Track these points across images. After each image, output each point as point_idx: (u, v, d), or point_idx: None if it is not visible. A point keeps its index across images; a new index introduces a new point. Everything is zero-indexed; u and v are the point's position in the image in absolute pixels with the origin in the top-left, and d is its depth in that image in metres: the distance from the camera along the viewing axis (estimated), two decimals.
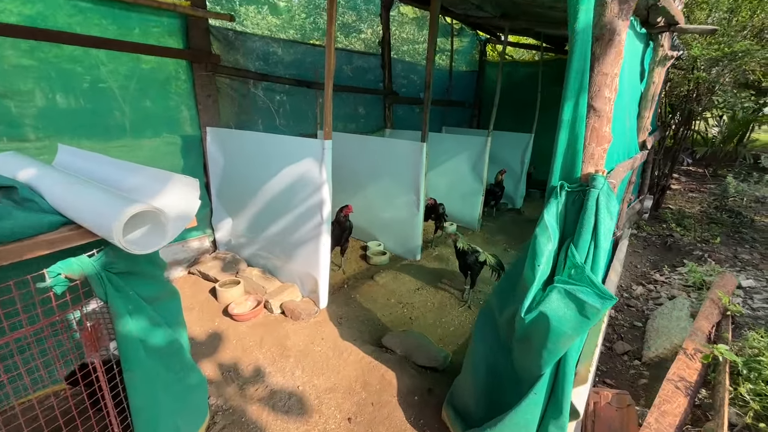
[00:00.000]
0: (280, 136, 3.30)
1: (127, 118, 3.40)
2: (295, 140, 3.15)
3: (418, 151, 4.02)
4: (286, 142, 3.25)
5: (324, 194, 2.98)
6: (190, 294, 3.60)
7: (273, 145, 3.36)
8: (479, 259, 3.54)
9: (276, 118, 4.83)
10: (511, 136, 6.58)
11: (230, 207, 4.04)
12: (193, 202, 1.55)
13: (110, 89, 3.26)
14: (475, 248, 3.60)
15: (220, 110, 4.09)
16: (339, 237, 3.96)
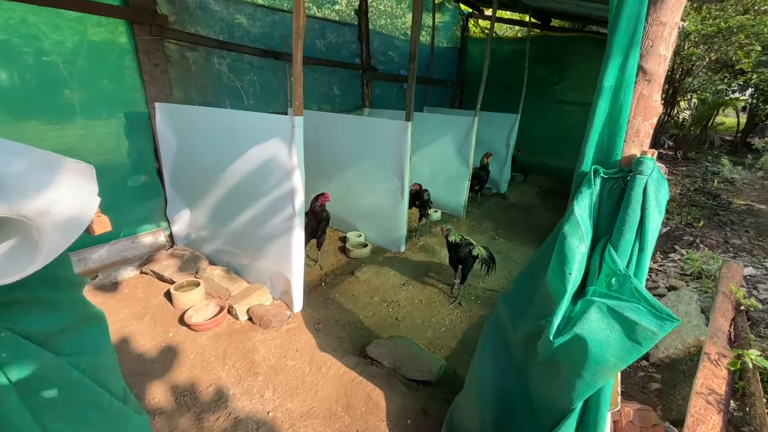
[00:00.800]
0: (241, 112, 2.79)
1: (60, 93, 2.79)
2: (259, 117, 2.66)
3: (403, 130, 3.60)
4: (248, 119, 2.75)
5: (295, 181, 2.53)
6: (142, 298, 3.10)
7: (233, 122, 2.85)
8: (473, 252, 3.20)
9: (244, 98, 4.26)
10: (496, 117, 6.24)
11: (188, 196, 3.51)
12: (88, 201, 1.09)
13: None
14: (469, 240, 3.26)
15: (175, 86, 3.50)
16: (315, 229, 3.52)
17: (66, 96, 2.87)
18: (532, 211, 6.03)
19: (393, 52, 6.76)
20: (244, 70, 4.20)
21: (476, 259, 3.25)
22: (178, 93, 3.56)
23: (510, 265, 4.12)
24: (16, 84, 2.65)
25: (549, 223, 5.55)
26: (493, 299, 3.43)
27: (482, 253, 3.24)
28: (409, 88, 3.47)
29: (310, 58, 4.66)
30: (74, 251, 3.08)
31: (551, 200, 6.65)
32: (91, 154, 3.05)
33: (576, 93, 7.34)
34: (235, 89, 4.14)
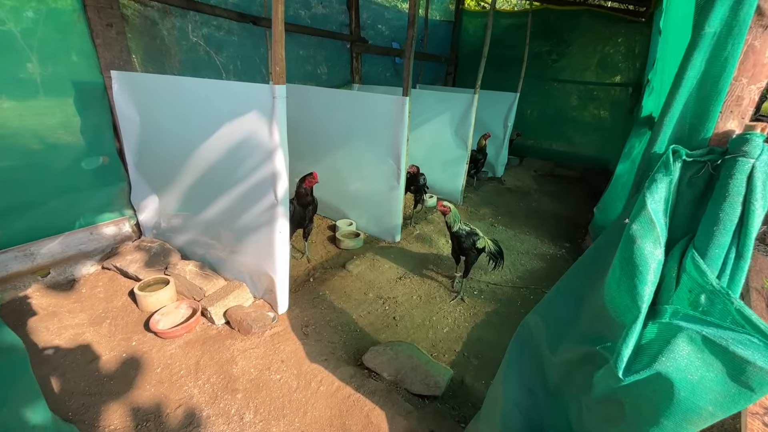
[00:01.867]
0: (213, 81, 2.35)
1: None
2: (234, 86, 2.23)
3: (399, 107, 3.20)
4: (221, 89, 2.31)
5: (277, 164, 2.13)
6: (103, 298, 2.70)
7: (204, 93, 2.41)
8: (477, 244, 2.88)
9: (222, 72, 3.78)
10: (493, 96, 5.87)
11: (155, 180, 3.07)
12: None
13: None
14: (474, 230, 2.93)
15: (135, 52, 3.00)
16: (301, 217, 3.14)
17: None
18: (529, 196, 5.76)
19: (382, 25, 6.27)
20: (224, 42, 3.70)
21: (481, 251, 2.94)
22: (139, 61, 3.07)
23: (512, 255, 3.84)
24: None
25: (547, 208, 5.29)
26: (498, 294, 3.15)
27: (490, 246, 2.93)
28: (407, 59, 3.06)
29: (293, 25, 4.17)
30: (18, 245, 2.64)
31: (548, 184, 6.38)
32: (31, 133, 2.57)
33: (574, 71, 7.01)
34: (210, 62, 3.65)
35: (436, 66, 7.54)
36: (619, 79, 6.79)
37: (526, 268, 3.62)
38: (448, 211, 2.94)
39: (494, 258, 2.98)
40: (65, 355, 2.17)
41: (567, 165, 7.15)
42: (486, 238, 2.95)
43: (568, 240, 4.31)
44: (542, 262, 3.77)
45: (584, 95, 7.13)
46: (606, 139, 7.01)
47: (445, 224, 2.98)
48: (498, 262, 2.99)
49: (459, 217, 2.95)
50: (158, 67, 3.22)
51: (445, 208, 2.94)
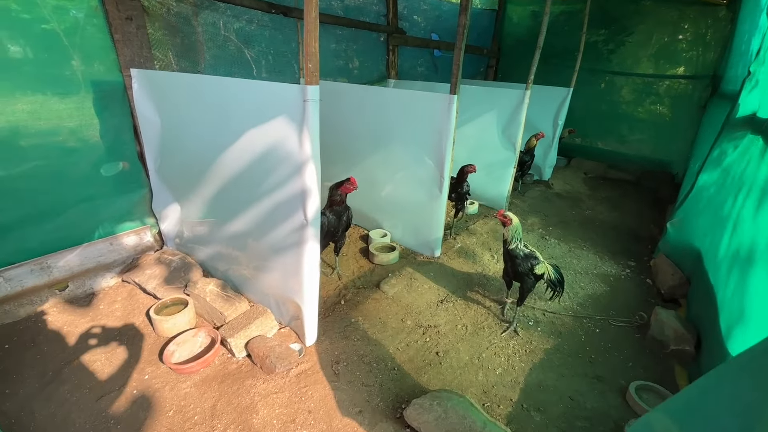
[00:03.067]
0: (236, 80, 2.04)
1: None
2: (260, 86, 1.91)
3: (446, 106, 2.80)
4: (245, 90, 2.00)
5: (307, 179, 1.80)
6: (120, 316, 2.49)
7: (226, 93, 2.11)
8: (536, 269, 2.45)
9: (253, 69, 3.50)
10: (543, 91, 5.29)
11: (177, 187, 2.83)
12: None
13: None
14: (533, 252, 2.50)
15: (159, 50, 2.76)
16: (334, 228, 2.81)
17: (4, 58, 2.16)
18: (581, 202, 5.19)
19: (418, 16, 5.81)
20: (253, 35, 3.41)
21: (540, 279, 2.50)
22: (163, 57, 2.82)
23: (569, 275, 3.36)
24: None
25: (603, 217, 4.72)
26: (557, 324, 2.71)
27: (550, 273, 2.48)
28: (457, 50, 2.64)
29: (326, 15, 3.82)
30: (34, 258, 2.46)
31: (602, 189, 5.77)
32: (46, 136, 2.37)
33: (633, 62, 6.28)
34: (241, 58, 3.37)
35: (475, 59, 7.01)
36: (684, 71, 6.01)
37: (587, 293, 3.13)
38: (509, 222, 2.52)
39: (553, 287, 2.53)
40: (73, 388, 1.95)
41: (621, 167, 6.46)
42: (546, 262, 2.50)
43: (632, 257, 3.77)
44: (604, 284, 3.27)
45: (642, 89, 6.38)
46: (667, 139, 6.25)
47: (493, 236, 2.57)
48: (557, 291, 2.54)
49: (521, 232, 2.53)
50: (183, 64, 2.97)
51: (506, 219, 2.52)
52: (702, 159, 3.80)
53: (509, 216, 2.54)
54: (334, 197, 2.76)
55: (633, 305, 3.01)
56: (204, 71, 3.13)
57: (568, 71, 5.25)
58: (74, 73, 2.40)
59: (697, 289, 2.86)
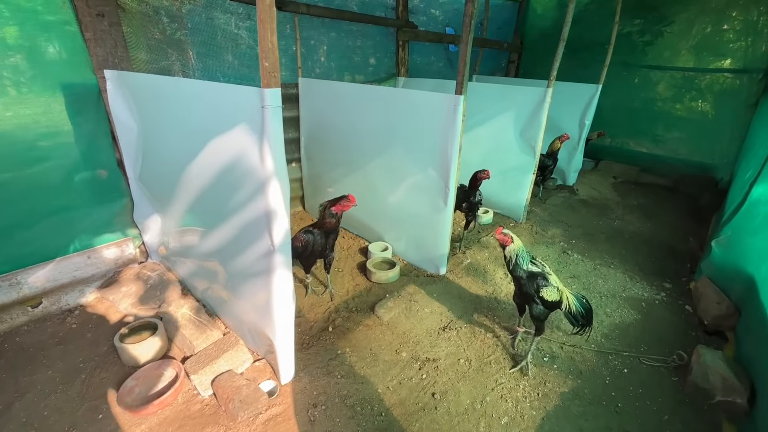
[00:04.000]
0: (195, 82, 1.80)
1: None
2: (216, 89, 1.64)
3: (452, 108, 2.45)
4: (204, 93, 1.74)
5: (271, 199, 1.51)
6: (90, 339, 2.30)
7: (189, 97, 1.86)
8: (543, 293, 2.07)
9: (248, 68, 3.27)
10: (568, 88, 4.82)
11: (157, 197, 2.62)
12: None
13: None
14: (541, 270, 2.13)
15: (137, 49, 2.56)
16: (322, 247, 2.53)
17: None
18: (610, 210, 4.70)
19: (436, 9, 5.45)
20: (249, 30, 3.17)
21: (554, 307, 2.13)
22: (142, 56, 2.61)
23: (593, 298, 2.96)
24: None
25: (635, 229, 4.24)
26: (577, 361, 2.33)
27: (571, 304, 2.11)
28: (463, 44, 2.28)
29: (322, 8, 3.53)
30: (2, 275, 2.30)
31: (633, 196, 5.24)
32: (15, 142, 2.19)
33: (671, 55, 5.67)
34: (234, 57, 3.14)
35: (495, 54, 6.56)
36: (731, 64, 5.37)
37: (614, 321, 2.73)
38: (509, 241, 2.17)
39: (574, 322, 2.15)
40: (19, 428, 1.75)
41: (656, 170, 5.87)
42: (561, 287, 2.12)
43: (668, 277, 3.31)
44: (635, 310, 2.85)
45: (682, 84, 5.75)
46: (710, 140, 5.61)
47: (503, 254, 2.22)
48: (584, 328, 2.16)
49: (525, 252, 2.16)
50: (167, 64, 2.76)
51: (505, 238, 2.17)
52: (755, 166, 3.30)
53: (509, 235, 2.18)
54: (327, 218, 2.47)
55: (669, 338, 2.58)
56: (194, 73, 2.91)
57: (597, 65, 4.76)
58: (41, 75, 2.22)
59: (750, 324, 2.41)
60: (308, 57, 3.74)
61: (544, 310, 2.17)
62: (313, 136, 3.65)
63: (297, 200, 4.08)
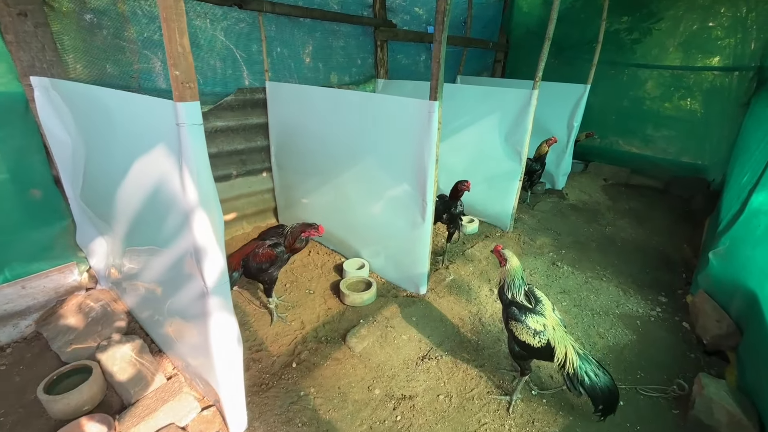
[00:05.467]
0: (114, 92, 1.52)
1: None
2: (132, 100, 1.38)
3: (426, 115, 2.21)
4: (123, 105, 1.47)
5: (198, 233, 1.25)
6: (18, 384, 2.01)
7: (113, 109, 1.59)
8: (517, 332, 1.84)
9: (207, 74, 3.00)
10: (555, 89, 4.63)
11: (99, 217, 2.33)
12: None
13: None
14: (536, 303, 1.90)
15: (72, 53, 2.27)
16: (279, 268, 2.28)
17: None
18: (600, 215, 4.51)
19: (420, 8, 5.22)
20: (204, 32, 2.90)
21: (544, 356, 1.88)
22: (76, 62, 2.33)
23: (586, 315, 2.74)
24: None
25: (627, 235, 4.05)
26: (569, 394, 2.10)
27: (570, 362, 1.81)
28: (436, 45, 2.04)
29: (287, 5, 3.27)
30: None
31: (624, 199, 5.06)
32: None
33: (660, 53, 5.51)
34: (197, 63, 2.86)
35: (481, 53, 6.35)
36: (721, 62, 5.22)
37: (608, 343, 2.51)
38: (503, 263, 1.95)
39: (574, 389, 1.85)
40: None
41: (646, 172, 5.71)
42: (559, 335, 1.86)
43: (663, 290, 3.11)
44: (630, 330, 2.64)
45: (671, 83, 5.60)
46: (700, 140, 5.47)
47: (494, 263, 2.01)
48: (599, 412, 1.86)
49: (520, 279, 1.93)
50: (109, 70, 2.48)
51: (501, 257, 1.96)
52: (753, 171, 3.12)
53: (505, 255, 1.96)
54: (297, 243, 2.30)
55: (667, 362, 2.38)
56: (138, 81, 2.63)
57: (584, 65, 4.58)
58: None
59: (753, 346, 2.21)
60: (278, 59, 3.48)
61: (520, 351, 1.94)
62: (284, 144, 3.39)
63: (270, 212, 3.81)
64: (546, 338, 1.84)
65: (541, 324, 1.86)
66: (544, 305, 1.93)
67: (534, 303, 1.95)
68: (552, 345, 1.84)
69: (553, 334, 1.86)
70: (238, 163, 3.38)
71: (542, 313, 1.89)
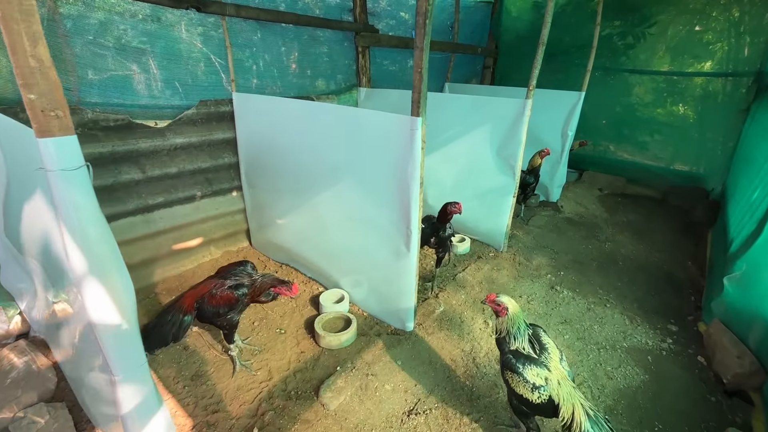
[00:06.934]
0: (17, 123, 1.19)
1: None
2: (22, 134, 1.05)
3: (407, 132, 1.91)
4: (21, 136, 1.14)
5: (93, 307, 0.92)
6: None
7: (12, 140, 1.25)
8: (513, 383, 1.54)
9: (159, 84, 2.67)
10: (548, 96, 4.39)
11: (21, 255, 1.97)
12: None
13: None
14: (542, 352, 1.60)
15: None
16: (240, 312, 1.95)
17: None
18: (599, 230, 4.26)
19: (406, 12, 4.97)
20: (154, 37, 2.57)
21: (547, 413, 1.59)
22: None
23: (591, 351, 2.45)
24: None
25: (628, 252, 3.80)
26: None
27: (578, 419, 1.53)
28: (417, 52, 1.75)
29: (265, 11, 2.96)
30: None
31: (621, 211, 4.83)
32: None
33: (654, 58, 5.31)
34: (138, 73, 2.53)
35: (470, 59, 6.11)
36: (717, 67, 5.04)
37: (618, 385, 2.22)
38: (503, 312, 1.67)
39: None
40: None
41: (643, 181, 5.50)
42: (566, 393, 1.56)
43: (673, 316, 2.85)
44: (640, 368, 2.36)
45: (667, 89, 5.41)
46: (697, 148, 5.27)
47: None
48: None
49: (523, 326, 1.64)
50: None
51: (498, 308, 1.68)
52: (762, 182, 2.90)
53: (503, 303, 1.66)
54: (263, 298, 2.02)
55: (686, 408, 2.09)
56: (79, 95, 2.28)
57: (577, 70, 4.35)
58: None
59: None
60: (248, 68, 3.16)
61: (518, 405, 1.64)
62: (254, 161, 3.06)
63: (241, 234, 3.46)
64: (547, 394, 1.54)
65: (542, 378, 1.56)
66: (550, 354, 1.63)
67: (539, 350, 1.65)
68: (556, 402, 1.54)
69: (557, 390, 1.57)
70: (204, 183, 3.04)
71: (546, 365, 1.59)
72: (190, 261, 3.11)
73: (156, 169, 2.71)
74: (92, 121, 2.32)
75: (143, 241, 2.78)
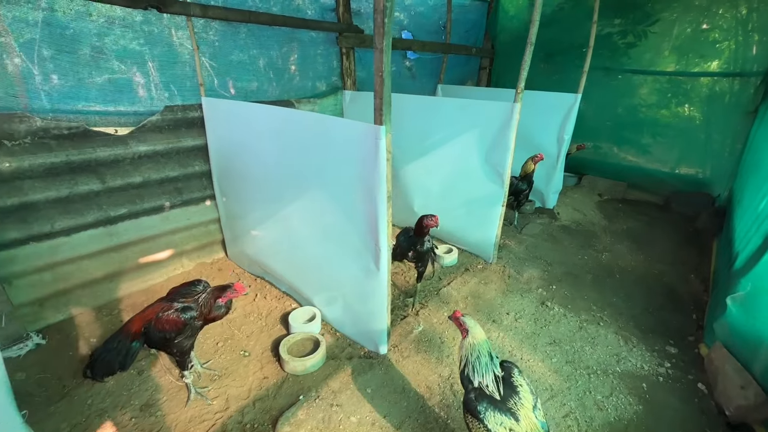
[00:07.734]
0: None
1: None
2: None
3: (371, 141, 1.73)
4: None
5: None
6: None
7: None
8: (474, 429, 1.37)
9: (137, 90, 2.54)
10: (542, 99, 4.19)
11: None
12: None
13: None
14: (509, 395, 1.42)
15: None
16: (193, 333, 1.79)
17: None
18: (596, 239, 4.04)
19: (398, 12, 4.83)
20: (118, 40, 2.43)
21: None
22: None
23: (581, 376, 2.26)
24: None
25: (626, 263, 3.59)
26: None
27: None
28: (377, 54, 1.57)
29: (234, 11, 2.80)
30: None
31: (621, 218, 4.60)
32: None
33: (658, 57, 5.08)
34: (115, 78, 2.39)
35: (465, 60, 5.92)
36: (724, 66, 4.79)
37: (608, 417, 2.02)
38: (464, 334, 1.51)
39: None
40: None
41: (645, 186, 5.27)
42: None
43: (672, 337, 2.64)
44: (634, 397, 2.15)
45: (672, 90, 5.17)
46: (703, 151, 5.02)
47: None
48: None
49: (486, 357, 1.46)
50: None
51: (461, 327, 1.51)
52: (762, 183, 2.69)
53: (465, 324, 1.48)
54: (214, 311, 1.83)
55: None
56: (27, 101, 2.14)
57: (576, 71, 4.14)
58: None
59: None
60: (220, 71, 3.00)
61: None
62: (226, 169, 2.91)
63: (216, 245, 3.31)
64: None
65: (506, 429, 1.37)
66: (522, 399, 1.44)
67: (507, 393, 1.46)
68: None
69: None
70: (173, 192, 2.89)
71: (514, 412, 1.40)
72: (159, 274, 2.96)
73: (118, 179, 2.56)
74: (42, 129, 2.18)
75: (106, 255, 2.64)
